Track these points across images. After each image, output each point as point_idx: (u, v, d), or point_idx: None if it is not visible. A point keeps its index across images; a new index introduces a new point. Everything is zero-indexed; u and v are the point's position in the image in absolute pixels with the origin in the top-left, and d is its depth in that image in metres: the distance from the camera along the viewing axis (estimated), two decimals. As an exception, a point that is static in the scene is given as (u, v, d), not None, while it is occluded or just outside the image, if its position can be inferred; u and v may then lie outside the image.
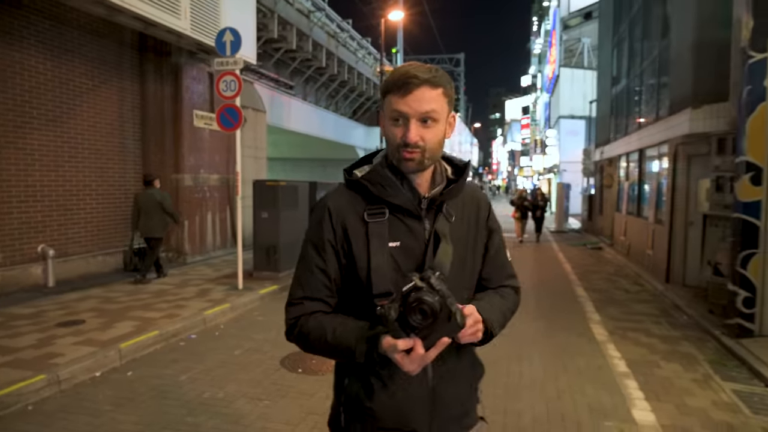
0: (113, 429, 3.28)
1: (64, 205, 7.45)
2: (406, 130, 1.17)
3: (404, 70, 1.18)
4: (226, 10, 8.96)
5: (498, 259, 1.41)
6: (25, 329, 4.99)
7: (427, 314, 1.00)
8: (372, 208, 1.23)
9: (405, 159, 1.19)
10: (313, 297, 1.24)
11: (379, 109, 1.33)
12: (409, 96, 1.15)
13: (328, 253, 1.24)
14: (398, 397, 1.21)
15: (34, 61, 6.95)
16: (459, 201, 1.33)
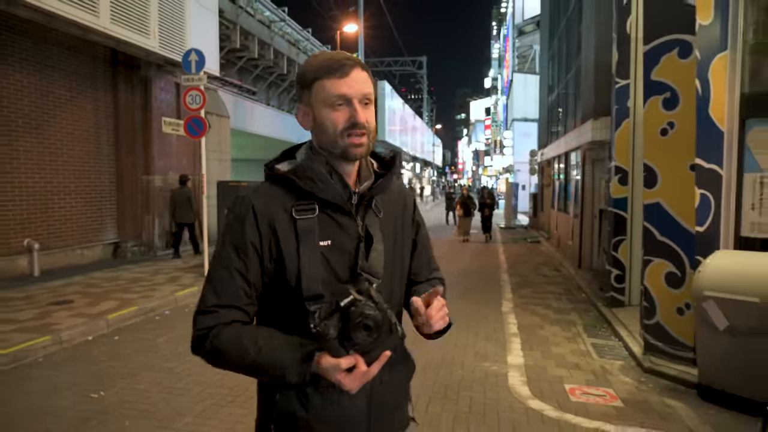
0: (109, 372, 4.34)
1: (46, 204, 8.33)
2: (353, 111, 1.10)
3: (329, 55, 1.13)
4: (191, 28, 9.94)
5: (425, 254, 1.37)
6: (23, 307, 5.94)
7: (371, 330, 0.95)
8: (300, 204, 1.13)
9: (354, 144, 1.11)
10: (230, 305, 1.11)
11: (299, 103, 1.19)
12: (348, 77, 1.09)
13: (250, 256, 1.11)
14: (337, 405, 1.12)
15: (18, 75, 7.82)
16: (385, 196, 1.26)
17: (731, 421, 3.64)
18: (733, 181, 4.60)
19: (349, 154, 1.13)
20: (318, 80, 1.11)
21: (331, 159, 1.16)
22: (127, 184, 9.98)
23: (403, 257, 1.29)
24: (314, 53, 1.21)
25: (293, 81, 20.66)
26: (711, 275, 4.02)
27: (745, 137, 4.57)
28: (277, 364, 1.05)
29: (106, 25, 7.76)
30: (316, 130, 1.16)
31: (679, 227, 4.72)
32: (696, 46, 4.40)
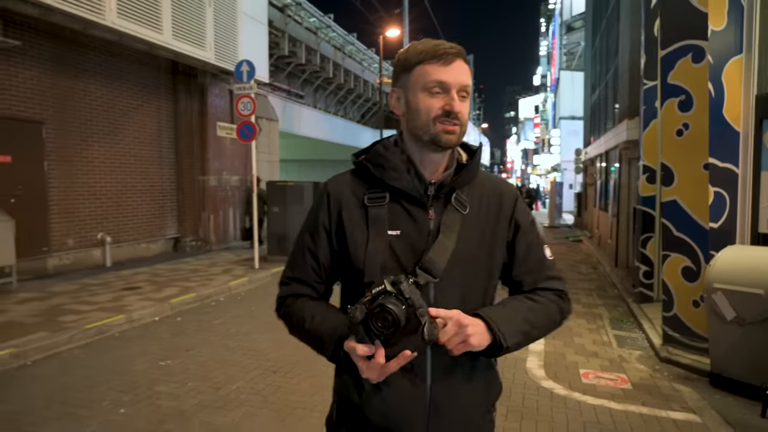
0: (173, 346, 5.01)
1: (116, 202, 9.27)
2: (449, 100, 1.09)
3: (435, 43, 1.12)
4: (243, 40, 10.72)
5: (531, 259, 1.25)
6: (100, 292, 6.78)
7: (388, 322, 0.94)
8: (373, 191, 1.15)
9: (446, 132, 1.10)
10: (301, 279, 1.21)
11: (393, 87, 1.20)
12: (450, 66, 1.09)
13: (321, 236, 1.19)
14: (389, 400, 1.11)
15: (92, 87, 8.77)
16: (477, 192, 1.21)
17: (734, 404, 3.88)
18: (749, 180, 4.78)
19: (439, 141, 1.11)
20: (420, 64, 1.11)
21: (415, 147, 1.16)
22: (186, 183, 10.88)
23: (490, 260, 1.20)
24: (418, 40, 1.16)
25: (340, 84, 21.42)
26: (720, 268, 4.25)
27: (762, 137, 4.74)
28: (320, 336, 1.11)
29: (169, 41, 8.60)
30: (409, 114, 1.15)
31: (695, 223, 4.94)
32: (708, 51, 4.62)
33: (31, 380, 4.12)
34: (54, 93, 8.03)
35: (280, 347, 4.89)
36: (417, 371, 1.12)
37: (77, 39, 8.15)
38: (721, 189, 4.71)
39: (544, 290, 1.24)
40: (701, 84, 4.72)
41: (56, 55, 8.01)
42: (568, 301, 1.29)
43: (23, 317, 5.49)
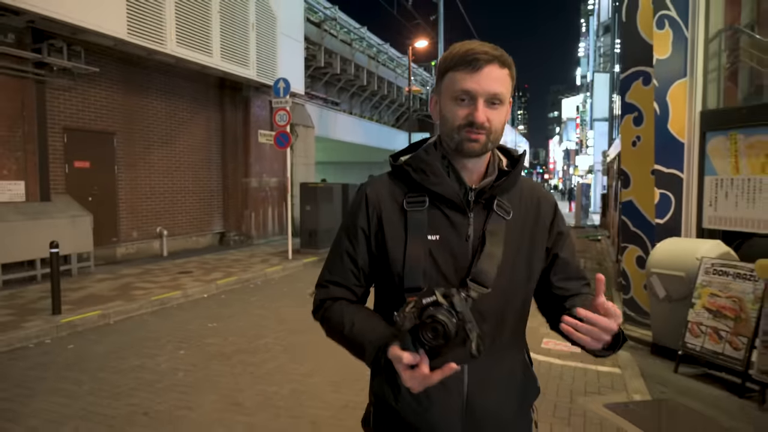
0: (219, 314, 6.31)
1: (172, 200, 10.79)
2: (473, 109, 1.07)
3: (470, 46, 1.08)
4: (281, 57, 12.08)
5: (572, 266, 1.26)
6: (159, 274, 8.21)
7: (438, 334, 0.93)
8: (412, 195, 1.14)
9: (469, 140, 1.09)
10: (339, 283, 1.21)
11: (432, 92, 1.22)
12: (479, 73, 1.06)
13: (360, 239, 1.18)
14: (425, 403, 1.12)
15: (154, 102, 10.29)
16: (516, 198, 1.19)
17: (660, 365, 4.80)
18: (694, 183, 5.67)
19: (462, 149, 1.10)
20: (450, 71, 1.10)
21: (449, 152, 1.15)
22: (231, 185, 12.34)
23: (530, 268, 1.20)
24: (460, 42, 1.12)
25: (374, 90, 22.67)
26: (656, 257, 5.18)
27: (706, 147, 5.61)
28: (360, 342, 1.09)
29: (218, 63, 10.02)
30: (441, 120, 1.15)
31: (645, 220, 5.84)
32: (654, 76, 5.53)
33: (116, 333, 5.50)
34: (123, 108, 9.58)
35: (303, 316, 6.11)
36: (454, 376, 1.07)
37: (142, 62, 9.66)
38: (667, 191, 5.61)
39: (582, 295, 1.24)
40: (650, 103, 5.63)
41: (125, 77, 9.55)
42: None
43: (103, 291, 6.93)
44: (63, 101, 8.47)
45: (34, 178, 7.87)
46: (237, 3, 10.60)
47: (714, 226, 5.58)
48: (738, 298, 4.29)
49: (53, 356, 4.74)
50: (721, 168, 5.49)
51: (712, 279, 4.54)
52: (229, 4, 10.37)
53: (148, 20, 8.50)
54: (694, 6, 5.55)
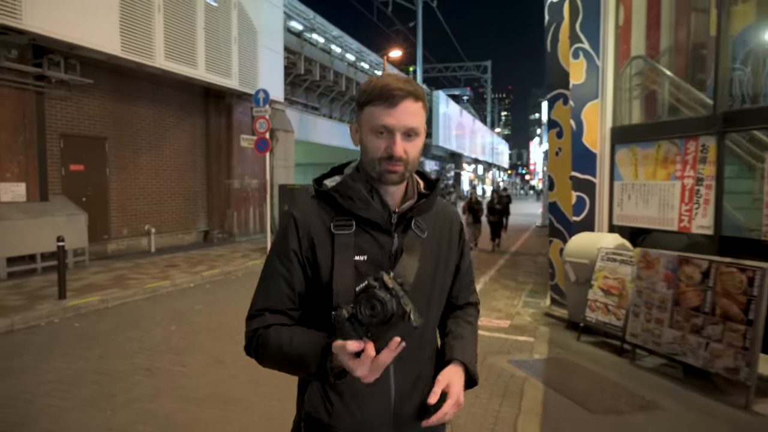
0: (205, 300, 7.25)
1: (159, 201, 11.66)
2: (391, 143, 1.15)
3: (385, 82, 1.16)
4: (262, 68, 13.01)
5: (467, 278, 1.42)
6: (150, 267, 9.11)
7: (376, 309, 0.97)
8: (339, 219, 1.21)
9: (388, 172, 1.17)
10: (275, 309, 1.21)
11: (353, 122, 1.29)
12: (395, 109, 1.14)
13: (294, 262, 1.21)
14: (359, 416, 1.18)
15: (143, 110, 11.16)
16: (431, 217, 1.30)
17: (570, 336, 5.87)
18: (605, 187, 6.77)
19: (384, 179, 1.19)
20: (369, 105, 1.17)
21: (371, 179, 1.22)
22: (215, 186, 13.22)
23: (444, 279, 1.32)
24: (376, 76, 1.22)
25: (352, 95, 23.66)
26: (569, 248, 6.27)
27: (615, 157, 6.73)
28: (301, 354, 1.10)
29: (203, 74, 10.93)
30: (362, 149, 1.22)
31: (566, 218, 6.95)
32: (571, 98, 6.62)
33: (115, 314, 6.42)
34: (114, 115, 10.43)
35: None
36: (382, 386, 1.16)
37: (132, 73, 10.52)
38: (582, 193, 6.71)
39: (470, 305, 1.44)
40: (568, 120, 6.72)
41: (116, 86, 10.41)
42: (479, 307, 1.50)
43: (99, 281, 7.82)
44: (60, 110, 9.32)
45: (34, 180, 8.71)
46: (220, 19, 11.52)
47: (621, 223, 6.69)
48: (621, 279, 5.39)
49: (63, 332, 5.66)
50: (626, 174, 6.61)
51: (606, 265, 5.64)
52: (213, 20, 11.28)
53: (139, 37, 9.39)
54: (604, 39, 6.65)
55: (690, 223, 5.74)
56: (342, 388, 1.18)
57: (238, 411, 3.77)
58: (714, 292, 4.28)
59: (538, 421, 3.61)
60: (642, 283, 5.00)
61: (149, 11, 9.58)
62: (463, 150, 37.24)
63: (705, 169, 5.56)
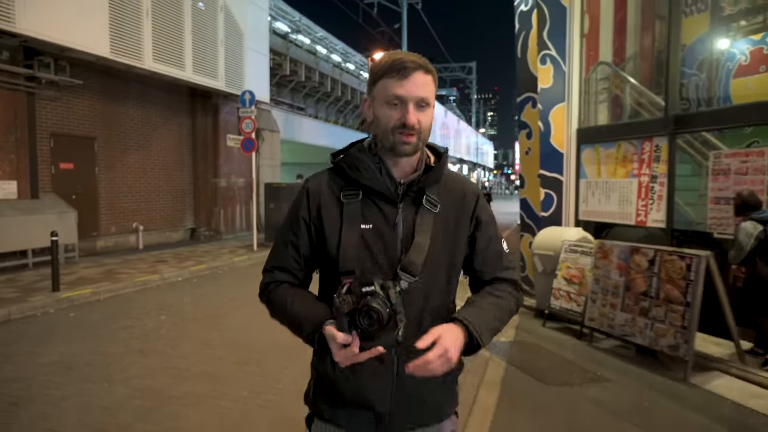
0: (192, 292, 7.56)
1: (147, 199, 11.91)
2: (404, 113, 1.19)
3: (398, 56, 1.21)
4: (248, 69, 13.33)
5: (491, 251, 1.38)
6: (138, 263, 9.39)
7: (373, 320, 1.05)
8: (348, 189, 1.27)
9: (403, 143, 1.21)
10: (283, 268, 1.33)
11: (365, 96, 1.32)
12: (407, 80, 1.18)
13: (301, 229, 1.30)
14: (360, 374, 1.23)
15: (131, 110, 11.41)
16: (442, 191, 1.32)
17: (533, 321, 6.30)
18: (572, 185, 7.23)
19: (397, 150, 1.22)
20: (382, 78, 1.22)
21: (382, 151, 1.27)
22: (202, 184, 13.50)
23: (453, 253, 1.32)
24: (389, 51, 1.28)
25: (338, 96, 24.01)
26: (537, 241, 6.71)
27: (581, 156, 7.19)
28: (298, 318, 1.23)
29: (190, 76, 11.22)
30: (375, 122, 1.26)
31: (535, 213, 7.39)
32: (539, 101, 7.07)
33: (107, 306, 6.73)
34: (103, 115, 10.68)
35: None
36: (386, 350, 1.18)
37: (121, 74, 10.78)
38: (550, 191, 7.16)
39: (501, 281, 1.38)
40: (536, 122, 7.17)
41: (105, 87, 10.66)
42: (520, 290, 1.43)
43: (90, 275, 8.10)
44: (50, 110, 9.56)
45: (25, 179, 8.95)
46: (207, 21, 11.81)
47: (587, 218, 7.16)
48: (582, 268, 5.83)
49: (59, 321, 5.96)
50: (590, 173, 7.08)
51: (568, 256, 6.08)
52: (201, 22, 11.58)
53: (128, 39, 9.67)
54: (570, 46, 7.11)
55: (646, 218, 6.21)
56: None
57: (228, 386, 4.13)
58: (659, 278, 4.73)
59: (497, 392, 4.02)
60: (599, 271, 5.45)
61: (138, 14, 9.86)
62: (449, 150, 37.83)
63: (658, 168, 6.03)
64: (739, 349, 4.64)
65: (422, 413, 1.31)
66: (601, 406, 3.89)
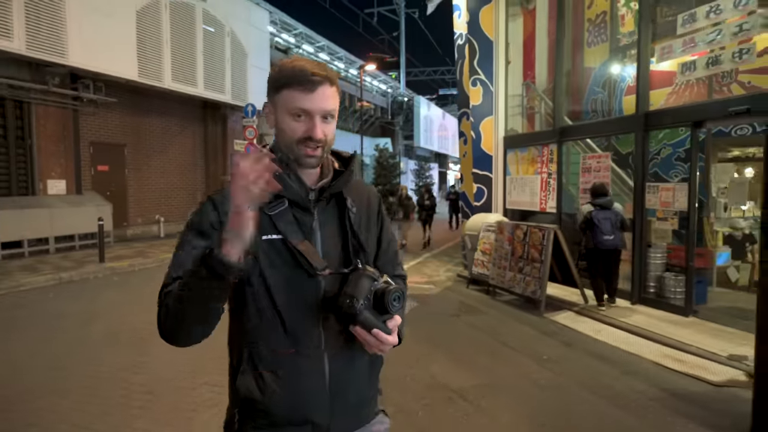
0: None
1: (166, 195, 14.11)
2: (311, 126, 1.17)
3: (301, 65, 1.16)
4: (251, 83, 15.45)
5: (391, 250, 1.44)
6: (162, 245, 11.55)
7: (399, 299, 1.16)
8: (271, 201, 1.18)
9: (308, 155, 1.20)
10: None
11: (266, 103, 1.25)
12: (314, 94, 1.15)
13: (209, 234, 1.20)
14: (293, 390, 1.19)
15: (154, 120, 13.59)
16: (353, 194, 1.33)
17: (463, 287, 8.30)
18: (500, 181, 9.23)
19: (301, 163, 1.21)
20: (286, 88, 1.16)
21: (286, 159, 1.23)
22: (212, 182, 15.65)
23: (369, 253, 1.34)
24: (291, 58, 1.23)
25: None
26: (467, 224, 8.72)
27: (507, 158, 9.18)
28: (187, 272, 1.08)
29: (202, 92, 13.38)
30: (277, 131, 1.23)
31: (470, 204, 9.39)
32: (471, 115, 9.07)
33: (140, 274, 8.87)
34: (131, 126, 12.87)
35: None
36: (314, 359, 1.19)
37: (146, 92, 12.95)
38: (482, 185, 9.17)
39: (397, 278, 1.43)
40: (470, 131, 9.17)
41: (133, 102, 12.84)
42: (406, 281, 1.51)
43: (125, 254, 10.26)
44: (90, 123, 11.75)
45: (72, 179, 11.15)
46: (216, 45, 13.96)
47: (512, 207, 9.16)
48: (491, 243, 7.83)
49: (107, 281, 8.12)
50: (513, 171, 9.08)
51: (485, 234, 8.08)
52: (210, 45, 13.72)
53: (152, 64, 11.83)
54: (497, 72, 9.11)
55: (546, 205, 8.21)
56: (274, 367, 1.19)
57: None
58: (528, 244, 6.73)
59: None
60: (497, 243, 7.46)
61: (159, 43, 12.02)
62: (447, 150, 39.61)
63: (552, 167, 8.03)
64: (583, 295, 6.63)
65: (359, 414, 1.31)
66: (471, 326, 5.92)
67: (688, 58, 5.72)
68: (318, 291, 1.21)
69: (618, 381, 4.23)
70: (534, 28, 9.09)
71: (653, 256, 6.44)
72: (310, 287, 1.21)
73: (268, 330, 1.20)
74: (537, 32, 9.01)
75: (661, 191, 6.15)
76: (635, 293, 6.45)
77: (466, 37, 9.17)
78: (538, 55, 9.09)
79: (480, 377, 4.29)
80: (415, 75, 52.41)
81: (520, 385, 4.15)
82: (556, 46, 8.14)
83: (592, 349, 5.04)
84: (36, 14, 9.28)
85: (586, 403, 3.81)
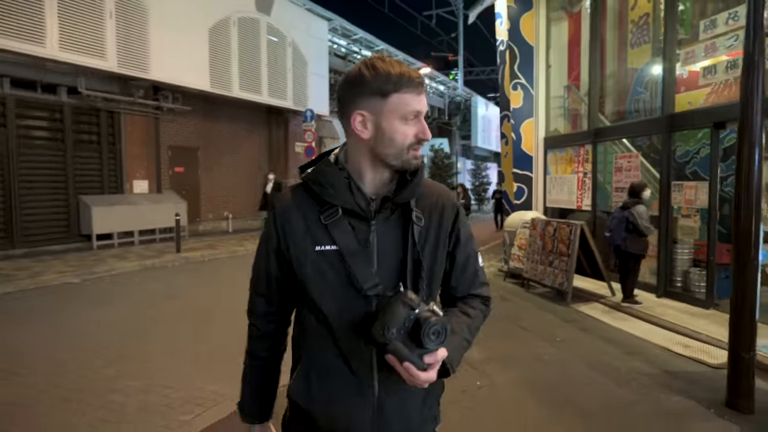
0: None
1: (234, 193, 15.41)
2: (421, 127, 1.17)
3: (405, 69, 1.15)
4: (311, 90, 16.52)
5: (468, 269, 1.32)
6: (230, 239, 12.75)
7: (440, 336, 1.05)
8: (325, 209, 1.19)
9: (415, 157, 1.19)
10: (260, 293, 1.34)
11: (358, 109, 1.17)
12: (422, 95, 1.16)
13: (270, 252, 1.27)
14: (336, 404, 1.19)
15: (224, 126, 14.91)
16: (422, 203, 1.25)
17: (501, 278, 8.78)
18: (540, 180, 9.62)
19: (408, 166, 1.19)
20: (396, 92, 1.13)
21: (369, 166, 1.20)
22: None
23: (434, 269, 1.25)
24: (384, 60, 1.16)
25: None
26: (507, 222, 9.19)
27: (547, 158, 9.56)
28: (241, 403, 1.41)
29: (266, 99, 14.56)
30: (379, 139, 1.17)
31: (511, 202, 9.82)
32: (511, 117, 9.51)
33: (210, 263, 10.00)
34: (204, 131, 14.23)
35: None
36: (363, 378, 1.17)
37: (217, 100, 14.28)
38: (522, 184, 9.59)
39: (474, 297, 1.33)
40: (511, 133, 9.61)
41: (205, 110, 14.19)
42: (490, 305, 1.37)
43: (197, 246, 11.48)
44: (168, 129, 13.17)
45: (153, 179, 12.58)
46: (279, 55, 15.10)
47: (552, 205, 9.53)
48: (526, 238, 8.27)
49: (182, 268, 9.28)
50: (552, 171, 9.44)
51: (522, 231, 8.53)
52: (273, 55, 14.87)
53: (222, 76, 13.08)
54: (537, 75, 9.49)
55: (582, 203, 8.55)
56: (322, 379, 1.21)
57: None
58: (557, 239, 7.15)
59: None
60: (531, 239, 7.90)
61: (228, 57, 13.27)
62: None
63: (588, 167, 8.35)
64: (610, 288, 6.96)
65: None
66: (495, 313, 6.44)
67: (709, 63, 5.97)
68: (370, 309, 1.16)
69: (619, 360, 4.67)
70: (577, 31, 9.38)
71: (680, 251, 6.69)
72: (360, 305, 1.17)
73: (320, 342, 1.21)
74: (582, 35, 9.30)
75: (684, 189, 6.40)
76: (660, 287, 6.72)
77: (507, 43, 9.62)
78: (582, 57, 9.38)
79: (490, 352, 4.86)
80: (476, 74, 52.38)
81: (526, 359, 4.69)
82: (591, 48, 8.44)
83: (604, 335, 5.46)
84: (125, 36, 10.65)
85: (584, 376, 4.30)
